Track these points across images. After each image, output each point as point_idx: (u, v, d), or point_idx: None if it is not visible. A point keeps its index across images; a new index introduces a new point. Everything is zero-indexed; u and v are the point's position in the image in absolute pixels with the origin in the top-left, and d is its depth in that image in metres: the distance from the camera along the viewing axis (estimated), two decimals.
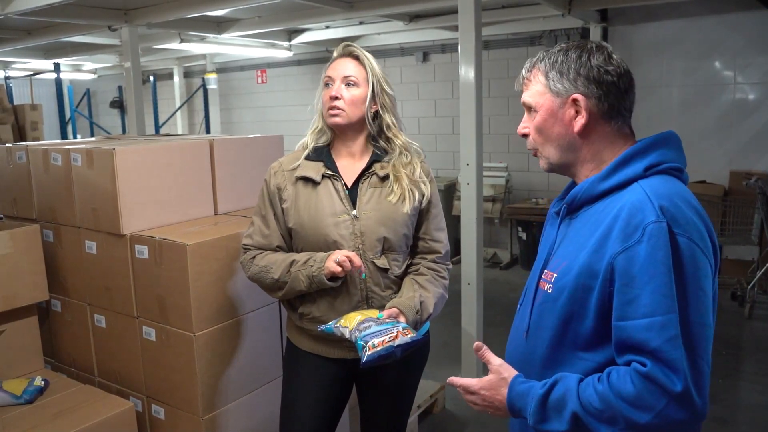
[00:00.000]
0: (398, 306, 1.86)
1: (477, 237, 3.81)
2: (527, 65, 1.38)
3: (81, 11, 5.04)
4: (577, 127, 1.31)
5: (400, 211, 1.94)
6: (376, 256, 1.93)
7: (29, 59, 8.23)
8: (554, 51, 1.34)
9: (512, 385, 1.33)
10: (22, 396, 2.37)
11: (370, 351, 1.67)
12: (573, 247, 1.32)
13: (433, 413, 3.58)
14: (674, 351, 1.13)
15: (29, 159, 2.73)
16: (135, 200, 2.39)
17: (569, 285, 1.28)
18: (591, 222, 1.30)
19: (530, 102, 1.36)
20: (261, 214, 2.03)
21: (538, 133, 1.36)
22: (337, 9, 5.33)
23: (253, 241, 2.02)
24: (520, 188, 7.04)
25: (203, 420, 2.30)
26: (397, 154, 1.99)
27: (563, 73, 1.31)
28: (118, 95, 10.99)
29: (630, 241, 1.19)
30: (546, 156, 1.38)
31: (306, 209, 1.94)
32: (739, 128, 5.82)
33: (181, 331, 2.28)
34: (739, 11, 5.64)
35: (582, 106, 1.30)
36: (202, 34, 6.39)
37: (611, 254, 1.21)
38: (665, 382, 1.13)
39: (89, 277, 2.59)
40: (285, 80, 9.03)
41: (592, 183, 1.32)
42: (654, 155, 1.29)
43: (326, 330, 1.84)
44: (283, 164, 2.03)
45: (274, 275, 1.93)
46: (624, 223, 1.20)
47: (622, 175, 1.29)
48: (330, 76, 1.98)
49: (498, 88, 7.10)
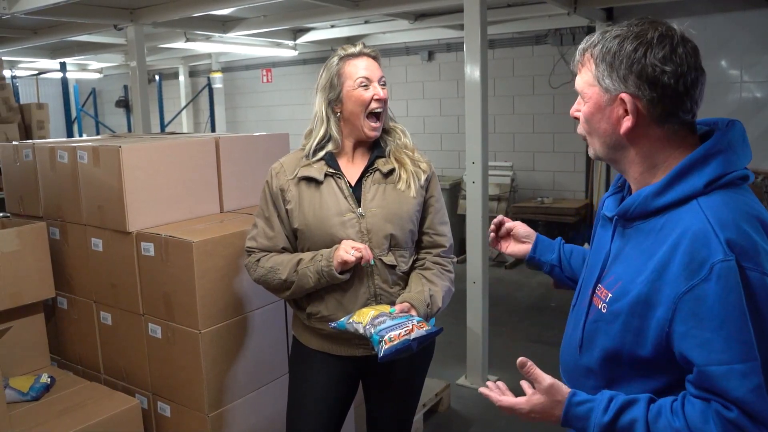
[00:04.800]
0: (409, 300, 1.87)
1: (482, 236, 3.80)
2: (582, 45, 1.24)
3: (87, 10, 5.05)
4: (623, 129, 1.18)
5: (405, 205, 1.94)
6: (384, 253, 1.93)
7: (35, 59, 8.27)
8: (610, 36, 1.18)
9: (568, 407, 1.22)
10: (29, 393, 2.37)
11: (387, 345, 1.66)
12: (628, 268, 1.21)
13: (438, 412, 3.58)
14: (761, 402, 1.04)
15: (36, 157, 2.74)
16: (141, 198, 2.40)
17: (624, 312, 1.18)
18: (647, 243, 1.19)
19: (579, 89, 1.24)
20: (264, 215, 2.00)
21: (586, 123, 1.25)
22: (342, 8, 5.33)
23: (257, 244, 1.99)
24: (526, 187, 7.03)
25: (209, 417, 2.30)
26: (396, 139, 2.00)
27: (614, 67, 1.16)
28: (124, 94, 11.03)
29: (696, 278, 1.07)
30: (593, 147, 1.28)
31: (311, 209, 1.92)
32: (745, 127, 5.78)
33: (187, 328, 2.28)
34: (746, 9, 5.62)
35: (629, 108, 1.15)
36: (208, 33, 6.40)
37: (675, 293, 1.09)
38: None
39: (95, 274, 2.59)
40: (290, 79, 9.04)
41: (645, 199, 1.19)
42: (715, 165, 1.15)
43: (338, 326, 1.83)
44: (284, 165, 1.99)
45: (282, 275, 1.91)
46: (687, 258, 1.09)
47: (678, 191, 1.15)
48: (367, 77, 1.91)
49: (503, 87, 7.09)
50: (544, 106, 6.90)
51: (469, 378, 3.94)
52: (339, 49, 1.96)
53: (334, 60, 1.95)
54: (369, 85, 1.91)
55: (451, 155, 7.60)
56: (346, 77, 1.91)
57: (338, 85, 1.92)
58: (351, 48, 1.95)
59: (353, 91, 1.91)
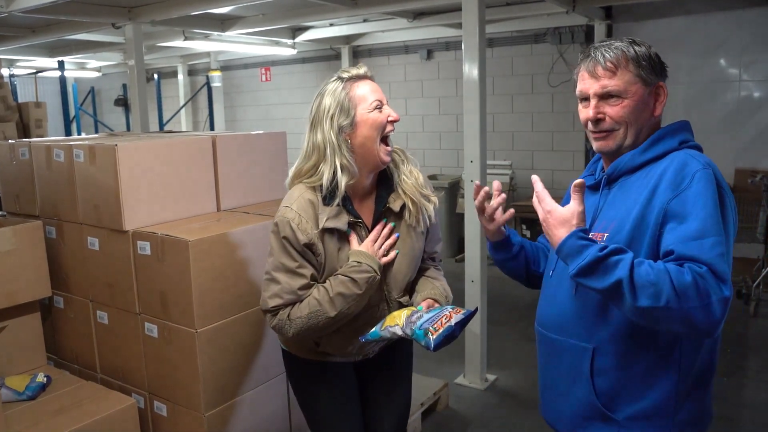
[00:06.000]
0: (431, 297, 1.88)
1: (481, 235, 3.79)
2: (606, 52, 1.51)
3: (85, 9, 5.04)
4: (658, 111, 1.54)
5: (418, 243, 1.93)
6: (400, 294, 1.93)
7: (34, 57, 8.25)
8: (630, 43, 1.52)
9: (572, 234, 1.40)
10: (25, 392, 2.37)
11: (435, 335, 1.67)
12: (620, 209, 1.50)
13: (436, 411, 3.57)
14: (722, 264, 1.31)
15: (32, 155, 2.73)
16: (137, 196, 2.39)
17: (624, 239, 1.44)
18: (634, 187, 1.49)
19: (620, 89, 1.50)
20: (286, 269, 1.78)
21: (629, 115, 1.51)
22: (341, 6, 5.32)
23: (284, 300, 1.79)
24: (524, 186, 7.02)
25: (205, 416, 2.29)
26: (399, 164, 1.92)
27: (653, 66, 1.51)
28: (123, 93, 11.00)
29: (681, 186, 1.38)
30: (622, 137, 1.53)
31: (337, 262, 1.82)
32: (744, 126, 5.79)
33: (184, 327, 2.27)
34: (745, 8, 5.61)
35: (663, 93, 1.54)
36: (206, 32, 6.39)
37: (664, 200, 1.39)
38: (715, 286, 1.29)
39: (92, 273, 2.59)
40: (289, 78, 9.03)
41: (632, 156, 1.52)
42: (682, 135, 1.53)
43: (371, 337, 1.78)
44: (301, 215, 1.77)
45: (329, 314, 1.75)
46: (673, 175, 1.41)
47: (659, 148, 1.50)
48: (379, 100, 1.80)
49: (502, 85, 7.09)
50: (543, 104, 6.89)
51: (467, 377, 3.93)
52: (339, 73, 1.83)
53: (337, 85, 1.79)
54: (382, 107, 1.81)
55: (450, 154, 7.59)
56: (359, 100, 1.78)
57: (351, 109, 1.77)
58: (354, 70, 1.82)
59: (368, 114, 1.78)
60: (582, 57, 1.57)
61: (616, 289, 1.32)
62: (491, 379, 3.96)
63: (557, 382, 1.65)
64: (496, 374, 4.03)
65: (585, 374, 1.54)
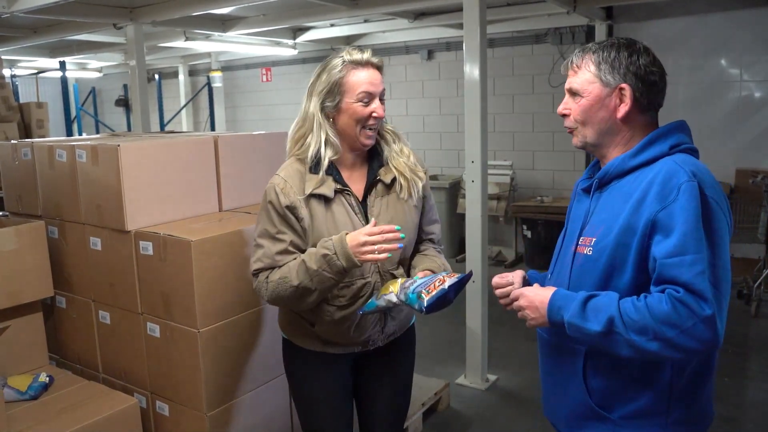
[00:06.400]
0: (429, 268, 1.91)
1: (482, 235, 3.80)
2: (578, 53, 1.57)
3: (86, 9, 5.05)
4: (620, 114, 1.52)
5: (410, 215, 1.94)
6: (394, 267, 1.94)
7: (35, 57, 8.25)
8: (606, 45, 1.53)
9: (556, 291, 1.51)
10: (27, 392, 2.38)
11: (427, 296, 1.68)
12: (608, 213, 1.51)
13: (437, 411, 3.57)
14: (702, 282, 1.33)
15: (34, 155, 2.74)
16: (139, 196, 2.40)
17: (610, 245, 1.46)
18: (623, 192, 1.50)
19: (578, 88, 1.54)
20: (269, 235, 1.85)
21: (583, 113, 1.55)
22: (341, 7, 5.32)
23: (264, 264, 1.86)
24: (525, 186, 7.02)
25: (207, 416, 2.30)
26: (390, 142, 1.96)
27: (615, 67, 1.50)
28: (124, 93, 11.01)
29: (668, 199, 1.39)
30: (583, 135, 1.58)
31: (324, 228, 1.84)
32: (745, 126, 5.79)
33: (186, 327, 2.28)
34: (745, 8, 5.60)
35: (628, 95, 1.50)
36: (207, 32, 6.39)
37: (651, 212, 1.40)
38: (695, 307, 1.32)
39: (94, 273, 2.59)
40: (290, 78, 9.03)
41: (623, 160, 1.53)
42: (675, 137, 1.51)
43: (368, 308, 1.79)
44: (287, 180, 1.85)
45: (293, 282, 1.79)
46: (660, 186, 1.41)
47: (649, 153, 1.50)
48: (369, 92, 1.81)
49: (503, 86, 7.08)
50: (544, 105, 6.88)
51: (468, 377, 3.94)
52: (344, 52, 1.83)
53: (337, 64, 1.82)
54: (370, 101, 1.82)
55: (451, 154, 7.59)
56: (348, 89, 1.81)
57: (337, 95, 1.81)
58: (357, 54, 1.82)
59: (352, 104, 1.81)
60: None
61: (610, 326, 1.40)
62: (492, 379, 3.97)
63: (555, 382, 1.67)
64: (497, 374, 4.03)
65: (579, 375, 1.56)
